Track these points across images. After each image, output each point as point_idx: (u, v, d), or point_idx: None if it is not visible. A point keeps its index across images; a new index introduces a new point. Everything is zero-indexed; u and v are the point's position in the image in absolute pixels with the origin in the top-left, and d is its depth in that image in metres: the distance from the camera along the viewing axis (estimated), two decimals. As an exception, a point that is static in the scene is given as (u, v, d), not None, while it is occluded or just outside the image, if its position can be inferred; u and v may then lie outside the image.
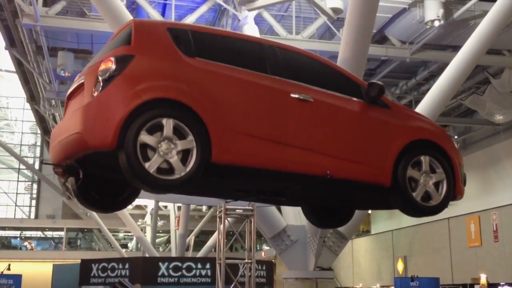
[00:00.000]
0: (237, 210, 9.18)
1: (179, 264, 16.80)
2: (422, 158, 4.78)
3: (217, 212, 9.39)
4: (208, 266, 16.63)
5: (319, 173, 4.35)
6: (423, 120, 5.13)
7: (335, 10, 13.52)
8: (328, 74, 4.81)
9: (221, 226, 9.08)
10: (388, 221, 27.99)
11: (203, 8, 15.99)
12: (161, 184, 3.87)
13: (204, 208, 34.26)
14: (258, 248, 43.77)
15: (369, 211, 29.06)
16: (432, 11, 13.00)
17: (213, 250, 24.54)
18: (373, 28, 9.01)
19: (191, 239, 29.08)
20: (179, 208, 27.27)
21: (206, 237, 32.86)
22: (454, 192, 4.93)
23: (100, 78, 3.97)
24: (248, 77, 4.31)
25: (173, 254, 26.89)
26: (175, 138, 3.92)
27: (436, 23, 13.10)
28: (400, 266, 24.90)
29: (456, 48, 12.61)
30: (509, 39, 14.27)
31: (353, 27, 8.24)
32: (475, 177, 20.14)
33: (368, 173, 4.56)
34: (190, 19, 15.84)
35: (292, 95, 4.40)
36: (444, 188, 4.83)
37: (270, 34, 16.55)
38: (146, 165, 3.83)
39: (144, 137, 3.84)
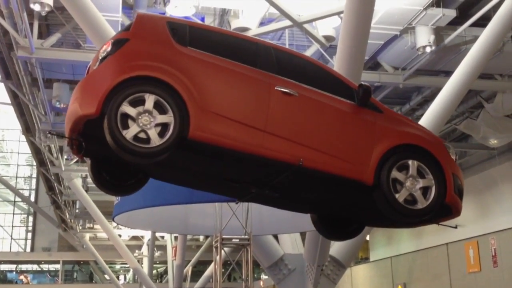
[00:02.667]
0: (233, 240, 9.10)
1: (177, 295, 16.62)
2: (410, 162, 4.89)
3: (213, 242, 9.31)
4: (205, 297, 16.45)
5: (292, 161, 4.58)
6: (416, 127, 5.25)
7: (328, 38, 13.65)
8: (320, 75, 5.06)
9: (217, 256, 8.99)
10: (387, 248, 27.81)
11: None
12: (136, 151, 4.25)
13: (201, 238, 34.04)
14: (256, 277, 43.39)
15: (368, 238, 28.94)
16: (424, 37, 13.14)
17: (211, 280, 24.28)
18: (365, 55, 9.08)
19: (188, 269, 28.80)
20: (176, 238, 27.07)
21: (203, 267, 32.55)
22: (445, 200, 4.95)
23: (99, 58, 4.54)
24: (234, 67, 4.68)
25: (170, 285, 26.60)
26: (155, 112, 4.31)
27: (428, 49, 13.23)
28: (400, 293, 24.67)
29: (448, 73, 12.71)
30: (501, 63, 14.40)
31: (345, 54, 8.31)
32: (472, 202, 20.10)
33: (349, 169, 4.75)
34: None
35: (277, 88, 4.71)
36: (432, 194, 4.89)
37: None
38: (124, 132, 4.24)
39: (126, 108, 4.27)
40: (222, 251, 9.13)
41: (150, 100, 4.30)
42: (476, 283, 20.19)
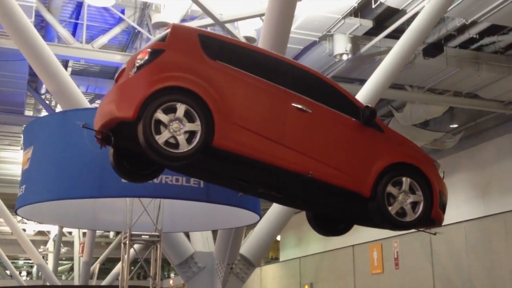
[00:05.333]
0: (143, 236, 8.94)
1: (81, 292, 16.16)
2: (404, 179, 5.45)
3: (122, 238, 9.11)
4: (112, 294, 16.09)
5: (302, 172, 5.11)
6: (412, 147, 5.83)
7: (249, 39, 13.76)
8: (332, 94, 5.55)
9: (125, 252, 8.81)
10: (296, 248, 28.39)
11: (116, 30, 15.76)
12: (166, 155, 4.70)
13: (111, 234, 33.26)
14: (166, 276, 42.89)
15: (278, 238, 29.41)
16: (341, 45, 13.54)
17: (119, 278, 23.80)
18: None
19: (96, 266, 28.06)
20: (84, 234, 26.31)
21: (112, 265, 31.83)
22: (430, 215, 5.52)
23: (136, 64, 4.88)
24: (256, 83, 5.15)
25: (76, 282, 25.82)
26: (185, 120, 4.75)
27: (345, 57, 13.64)
28: (306, 293, 25.25)
29: (363, 81, 13.15)
30: (411, 75, 15.09)
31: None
32: (379, 206, 20.88)
33: (351, 182, 5.29)
34: (101, 41, 15.55)
35: (293, 104, 5.18)
36: (420, 209, 5.46)
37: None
38: (157, 137, 4.67)
39: (159, 115, 4.68)
40: (131, 247, 8.95)
41: (181, 109, 4.74)
42: (378, 284, 21.03)
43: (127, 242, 8.73)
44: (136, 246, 11.52)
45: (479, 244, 17.33)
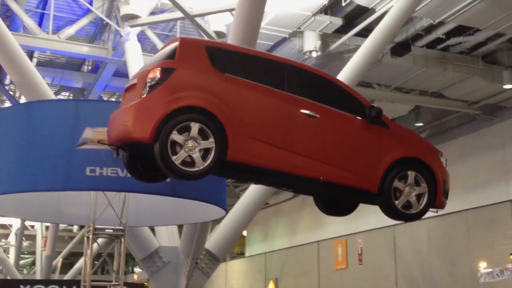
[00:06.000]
0: (106, 230, 8.83)
1: (43, 287, 16.02)
2: (409, 173, 5.61)
3: (85, 232, 8.98)
4: (74, 289, 15.90)
5: (313, 176, 5.30)
6: (416, 140, 6.00)
7: (218, 34, 13.71)
8: (338, 94, 5.65)
9: (88, 246, 8.70)
10: (262, 244, 28.49)
11: (84, 21, 15.51)
12: (183, 174, 4.88)
13: (75, 228, 32.81)
14: (131, 270, 42.54)
15: (244, 233, 29.45)
16: (311, 42, 13.60)
17: (81, 272, 23.48)
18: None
19: (58, 261, 27.64)
20: (47, 228, 25.89)
21: (76, 259, 31.39)
22: (434, 204, 5.73)
23: (147, 84, 4.95)
24: (265, 92, 5.23)
25: (38, 276, 25.41)
26: (199, 138, 4.87)
27: (314, 54, 13.71)
28: (271, 288, 25.36)
29: (331, 79, 13.23)
30: (379, 73, 15.27)
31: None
32: (345, 203, 21.09)
33: (359, 181, 5.45)
34: (68, 32, 15.28)
35: (302, 111, 5.29)
36: (424, 200, 5.66)
37: (154, 52, 16.38)
38: (173, 158, 4.80)
39: (175, 136, 4.81)
40: (95, 241, 8.84)
41: (195, 127, 4.86)
42: (341, 280, 21.26)
43: (90, 236, 8.61)
44: (100, 240, 11.39)
45: (441, 241, 17.67)
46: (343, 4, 12.75)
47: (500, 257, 15.17)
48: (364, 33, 12.84)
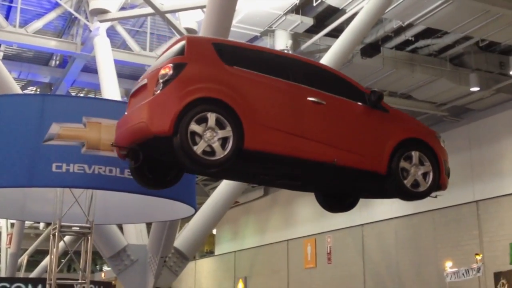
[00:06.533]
0: (73, 228, 8.70)
1: (7, 285, 15.55)
2: (413, 153, 5.88)
3: (51, 230, 8.83)
4: (40, 287, 15.60)
5: (327, 161, 5.45)
6: (415, 122, 6.31)
7: (189, 30, 13.63)
8: (339, 83, 5.92)
9: (54, 244, 8.55)
10: (231, 242, 28.47)
11: (52, 15, 15.26)
12: (205, 163, 4.97)
13: (41, 225, 32.29)
14: (98, 269, 42.07)
15: (214, 232, 29.38)
16: (282, 41, 13.64)
17: (48, 270, 23.15)
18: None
19: (24, 258, 27.18)
20: (12, 225, 25.43)
21: (42, 257, 30.89)
22: (439, 182, 5.99)
23: (160, 80, 5.06)
24: (273, 82, 5.45)
25: (3, 274, 24.95)
26: (216, 128, 5.00)
27: (285, 53, 13.74)
28: (240, 286, 25.37)
29: (301, 78, 13.28)
30: (349, 74, 15.14)
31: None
32: (313, 201, 21.23)
33: (368, 163, 5.65)
34: (36, 25, 15.02)
35: (309, 98, 5.49)
36: (430, 178, 5.92)
37: (124, 48, 16.23)
38: (194, 148, 4.92)
39: (194, 126, 4.93)
40: (61, 239, 8.70)
41: (212, 118, 5.00)
42: (311, 278, 21.40)
43: (56, 233, 8.47)
44: (66, 238, 11.21)
45: (408, 241, 17.92)
46: (314, 4, 12.81)
47: (466, 257, 15.47)
48: (335, 34, 12.92)
